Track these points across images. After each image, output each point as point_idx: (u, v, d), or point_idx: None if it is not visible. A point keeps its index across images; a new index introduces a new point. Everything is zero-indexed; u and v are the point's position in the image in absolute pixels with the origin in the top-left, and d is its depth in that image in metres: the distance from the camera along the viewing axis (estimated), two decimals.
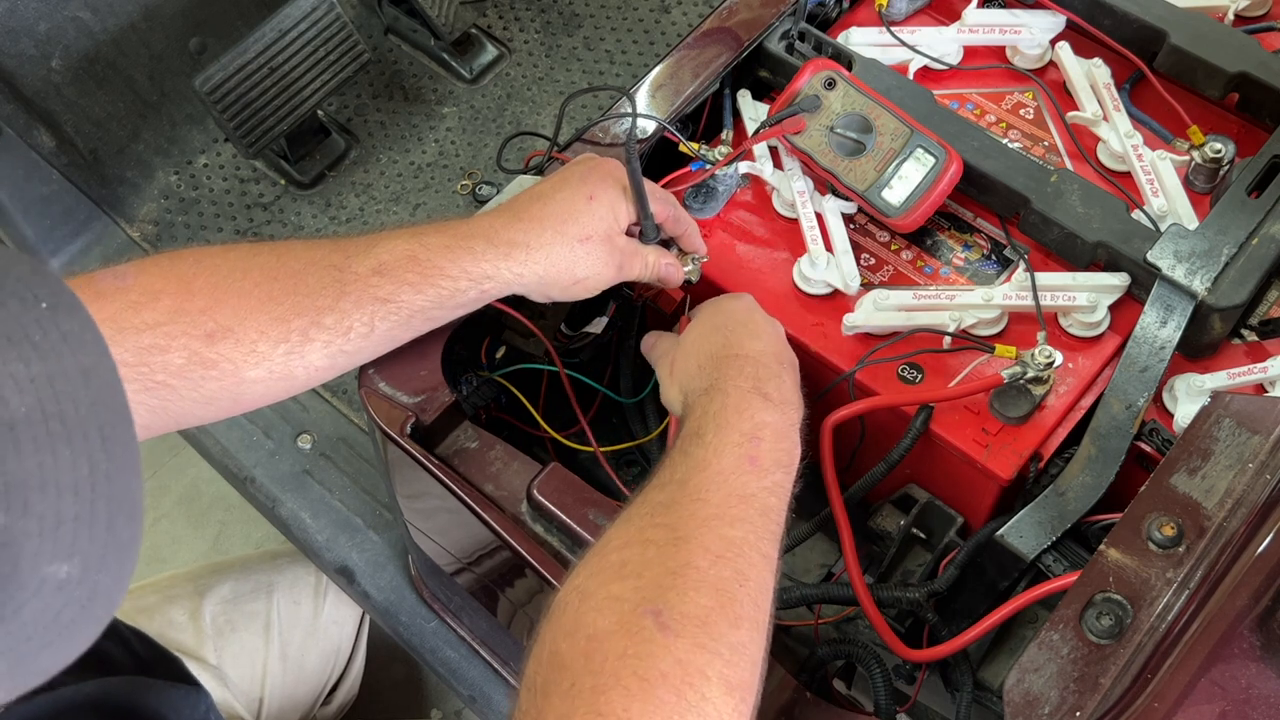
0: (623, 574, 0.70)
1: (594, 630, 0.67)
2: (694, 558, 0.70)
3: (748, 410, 0.80)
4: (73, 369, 0.48)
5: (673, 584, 0.68)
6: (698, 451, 0.77)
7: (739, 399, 0.80)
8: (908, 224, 1.00)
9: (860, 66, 1.07)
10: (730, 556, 0.71)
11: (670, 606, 0.67)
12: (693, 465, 0.77)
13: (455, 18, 1.52)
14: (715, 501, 0.74)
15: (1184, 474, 0.79)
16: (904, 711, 0.94)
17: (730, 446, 0.77)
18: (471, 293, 0.86)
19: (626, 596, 0.68)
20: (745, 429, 0.78)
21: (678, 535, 0.72)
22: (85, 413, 0.48)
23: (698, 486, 0.75)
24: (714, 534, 0.72)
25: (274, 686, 1.30)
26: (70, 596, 0.47)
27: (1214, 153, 1.01)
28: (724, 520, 0.73)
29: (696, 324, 0.90)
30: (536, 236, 0.86)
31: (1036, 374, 0.89)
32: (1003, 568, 0.88)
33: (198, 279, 0.81)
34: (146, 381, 0.78)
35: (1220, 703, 0.72)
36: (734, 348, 0.85)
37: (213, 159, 1.55)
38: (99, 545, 0.48)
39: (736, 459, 0.77)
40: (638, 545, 0.72)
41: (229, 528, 1.92)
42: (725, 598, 0.69)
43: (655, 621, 0.66)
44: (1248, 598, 0.74)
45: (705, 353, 0.86)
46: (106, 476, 0.48)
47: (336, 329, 0.82)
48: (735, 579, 0.70)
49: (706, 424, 0.79)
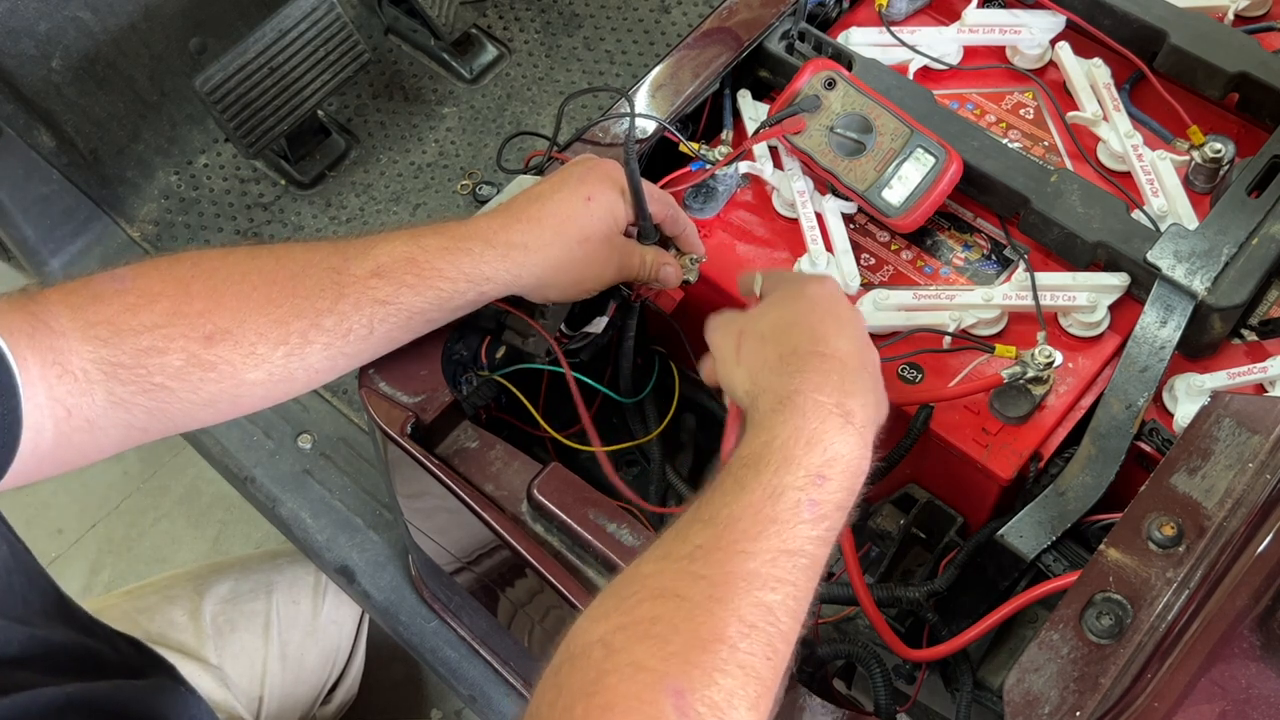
0: (650, 634, 0.66)
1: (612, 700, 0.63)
2: (727, 629, 0.66)
3: (821, 442, 0.71)
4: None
5: (700, 660, 0.65)
6: (754, 489, 0.70)
7: (816, 425, 0.71)
8: (908, 224, 1.00)
9: (860, 66, 1.07)
10: (763, 627, 0.67)
11: (693, 689, 0.64)
12: (744, 506, 0.69)
13: (455, 18, 1.52)
14: (760, 555, 0.68)
15: (1184, 474, 0.79)
16: (904, 711, 0.94)
17: (791, 490, 0.69)
18: (470, 294, 0.86)
19: (651, 666, 0.64)
20: (813, 466, 0.70)
21: (714, 595, 0.67)
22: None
23: (744, 533, 0.68)
24: (750, 599, 0.67)
25: (274, 686, 1.30)
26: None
27: (1214, 153, 1.01)
28: (765, 583, 0.67)
29: (776, 306, 0.81)
30: (535, 238, 0.86)
31: (1036, 374, 0.89)
32: (1003, 568, 0.88)
33: (196, 281, 0.81)
34: (144, 384, 0.78)
35: (1220, 703, 0.72)
36: (819, 343, 0.76)
37: (213, 159, 1.55)
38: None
39: (795, 505, 0.69)
40: (672, 600, 0.67)
41: (229, 528, 1.92)
42: (749, 677, 0.65)
43: (675, 705, 0.63)
44: (1248, 598, 0.74)
45: (788, 344, 0.77)
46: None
47: (336, 331, 0.82)
48: (764, 654, 0.66)
49: (771, 455, 0.71)
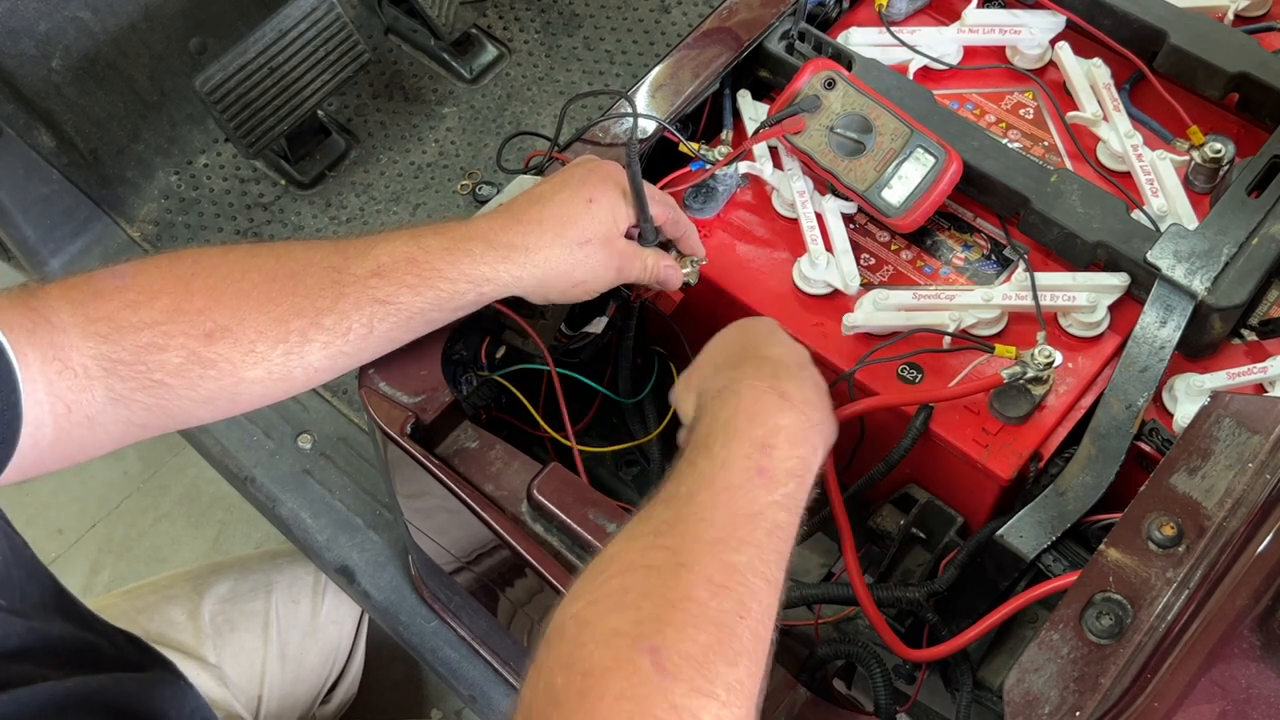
0: (623, 604, 0.67)
1: (590, 665, 0.65)
2: (694, 589, 0.67)
3: (761, 414, 0.76)
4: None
5: (671, 618, 0.66)
6: (704, 464, 0.74)
7: (753, 400, 0.76)
8: (908, 224, 1.00)
9: (860, 66, 1.07)
10: (732, 586, 0.68)
11: (668, 645, 0.65)
12: (699, 479, 0.73)
13: (455, 18, 1.52)
14: (720, 522, 0.71)
15: (1184, 474, 0.79)
16: (904, 711, 0.94)
17: (739, 459, 0.73)
18: (470, 295, 0.86)
19: (625, 630, 0.66)
20: (757, 436, 0.75)
21: (679, 561, 0.69)
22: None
23: (703, 504, 0.72)
24: (716, 560, 0.69)
25: (273, 685, 1.30)
26: None
27: (1214, 153, 1.01)
28: (728, 545, 0.70)
29: (719, 334, 0.87)
30: (535, 239, 0.86)
31: (1036, 374, 0.89)
32: (1003, 568, 0.88)
33: (196, 279, 0.81)
34: (144, 380, 0.78)
35: (1220, 703, 0.72)
36: (750, 350, 0.82)
37: (213, 159, 1.55)
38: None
39: (745, 471, 0.73)
40: (640, 570, 0.69)
41: (229, 528, 1.92)
42: (724, 633, 0.66)
43: (652, 661, 0.64)
44: (1248, 598, 0.74)
45: (723, 355, 0.83)
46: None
47: (335, 330, 0.82)
48: (736, 611, 0.67)
49: (716, 432, 0.75)
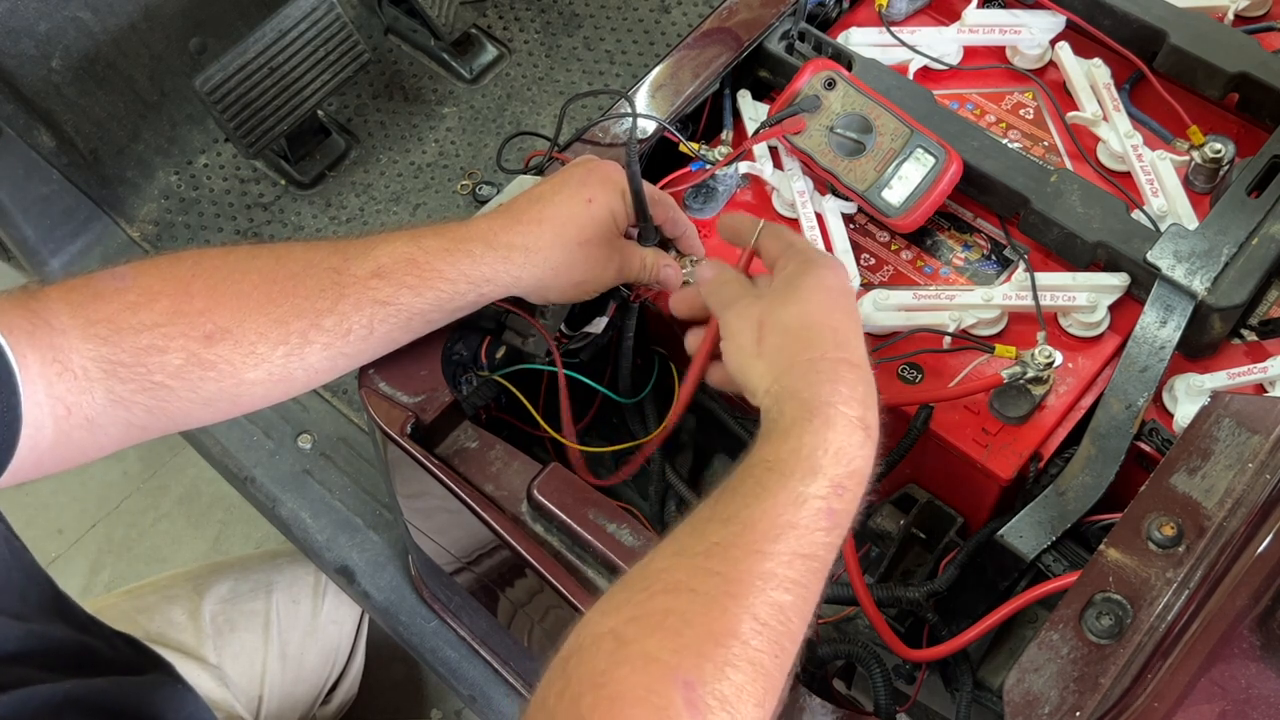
0: (663, 626, 0.66)
1: (620, 691, 0.63)
2: (740, 625, 0.66)
3: (845, 454, 0.71)
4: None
5: (712, 654, 0.65)
6: (777, 494, 0.69)
7: (844, 439, 0.71)
8: (908, 224, 1.00)
9: (860, 66, 1.07)
10: (775, 625, 0.67)
11: (705, 681, 0.64)
12: (765, 509, 0.69)
13: (455, 18, 1.52)
14: (777, 558, 0.68)
15: (1184, 474, 0.79)
16: (904, 711, 0.94)
17: (814, 499, 0.69)
18: (470, 296, 0.86)
19: (662, 659, 0.64)
20: (835, 477, 0.70)
21: (729, 591, 0.67)
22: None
23: (763, 535, 0.68)
24: (765, 599, 0.67)
25: (273, 686, 1.30)
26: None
27: (1214, 153, 1.01)
28: (780, 584, 0.67)
29: (796, 294, 0.78)
30: (535, 239, 0.86)
31: (1036, 374, 0.89)
32: (1003, 568, 0.88)
33: (196, 280, 0.81)
34: (144, 382, 0.78)
35: (1220, 703, 0.72)
36: (844, 348, 0.75)
37: (213, 159, 1.55)
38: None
39: (815, 513, 0.69)
40: (686, 594, 0.67)
41: (229, 528, 1.92)
42: (759, 673, 0.65)
43: (685, 698, 0.63)
44: (1248, 598, 0.74)
45: (815, 346, 0.75)
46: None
47: (335, 331, 0.82)
48: (773, 652, 0.66)
49: (798, 464, 0.70)
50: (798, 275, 0.79)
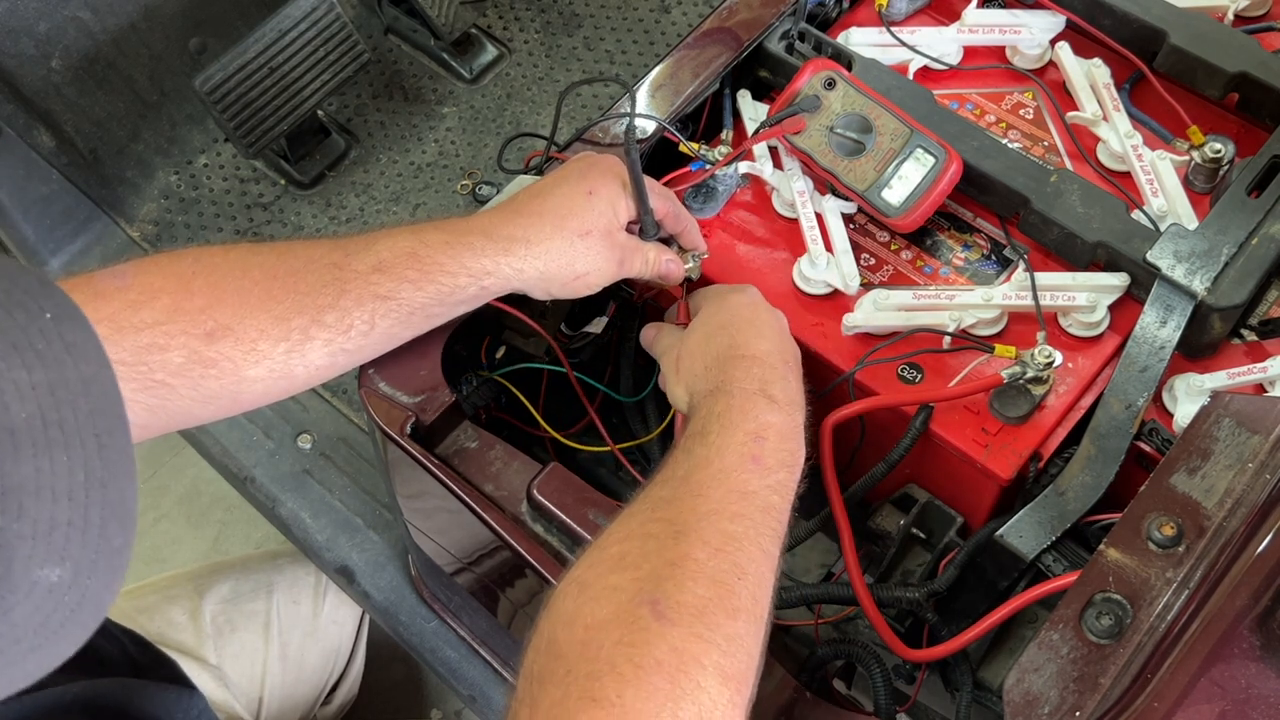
0: (621, 565, 0.70)
1: (591, 620, 0.67)
2: (692, 550, 0.71)
3: (752, 411, 0.80)
4: (74, 378, 0.49)
5: (670, 575, 0.69)
6: (700, 450, 0.78)
7: (744, 400, 0.81)
8: (908, 224, 1.00)
9: (860, 66, 1.07)
10: (729, 550, 0.72)
11: (667, 596, 0.67)
12: (695, 463, 0.77)
13: (455, 18, 1.52)
14: (715, 497, 0.75)
15: (1184, 474, 0.79)
16: (904, 711, 0.94)
17: (734, 445, 0.78)
18: (471, 289, 0.86)
19: (624, 587, 0.69)
20: (750, 429, 0.79)
21: (677, 529, 0.72)
22: (83, 420, 0.49)
23: (699, 483, 0.76)
24: (713, 528, 0.72)
25: (274, 686, 1.30)
26: (60, 600, 0.48)
27: (1214, 153, 1.01)
28: (724, 515, 0.74)
29: (702, 321, 0.90)
30: (536, 231, 0.86)
31: (1036, 374, 0.89)
32: (1002, 568, 0.88)
33: (197, 278, 0.81)
34: (145, 380, 0.78)
35: (1220, 703, 0.72)
36: (740, 348, 0.85)
37: (213, 159, 1.55)
38: (90, 550, 0.48)
39: (739, 457, 0.77)
40: (637, 539, 0.72)
41: (229, 528, 1.92)
42: (723, 589, 0.69)
43: (652, 611, 0.67)
44: (1248, 598, 0.74)
45: (711, 353, 0.86)
46: (101, 483, 0.49)
47: (337, 327, 0.82)
48: (733, 572, 0.71)
49: (711, 424, 0.79)
50: (706, 310, 0.91)
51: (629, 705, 0.63)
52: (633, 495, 0.78)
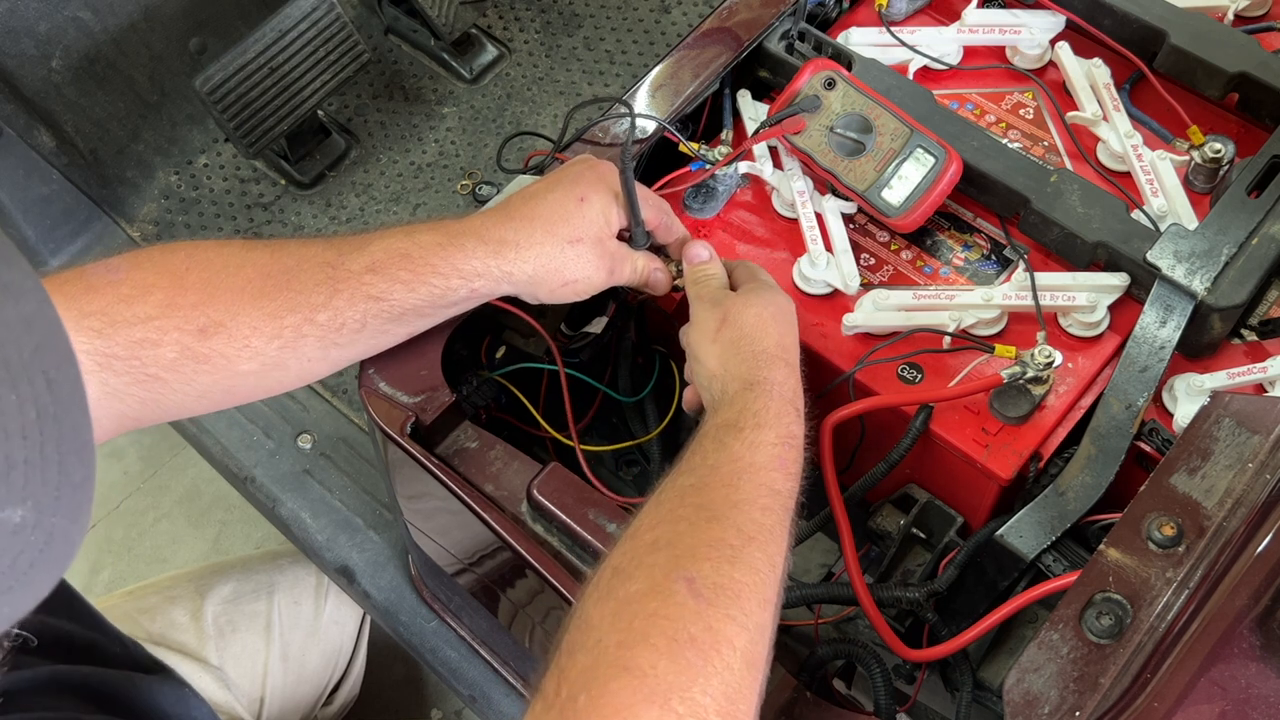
0: (656, 547, 0.71)
1: (625, 593, 0.67)
2: (727, 535, 0.71)
3: (785, 419, 0.81)
4: (13, 317, 0.48)
5: (707, 555, 0.69)
6: (734, 444, 0.78)
7: (781, 405, 0.81)
8: (908, 224, 1.00)
9: (860, 66, 1.07)
10: (762, 540, 0.72)
11: (704, 576, 0.68)
12: (726, 455, 0.77)
13: (455, 18, 1.52)
14: (747, 490, 0.75)
15: (1184, 474, 0.79)
16: (904, 711, 0.94)
17: (767, 445, 0.78)
18: (462, 291, 0.86)
19: (660, 564, 0.69)
20: (782, 432, 0.80)
21: (711, 514, 0.72)
22: (29, 358, 0.47)
23: (729, 474, 0.76)
24: (746, 517, 0.73)
25: (275, 687, 1.30)
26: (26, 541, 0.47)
27: (1214, 153, 1.01)
28: (755, 507, 0.74)
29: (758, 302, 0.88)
30: (527, 235, 0.87)
31: (1036, 374, 0.89)
32: (1003, 568, 0.88)
33: (190, 274, 0.81)
34: (138, 374, 0.78)
35: (1220, 703, 0.72)
36: (785, 352, 0.86)
37: (213, 159, 1.55)
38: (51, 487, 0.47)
39: (771, 458, 0.77)
40: (669, 523, 0.73)
41: (229, 528, 1.92)
42: (757, 578, 0.70)
43: (688, 588, 0.67)
44: (1248, 598, 0.74)
45: (760, 344, 0.85)
46: (54, 418, 0.47)
47: (329, 326, 0.83)
48: (766, 563, 0.71)
49: (746, 419, 0.79)
50: (758, 291, 0.89)
51: (662, 676, 0.63)
52: (657, 484, 0.77)
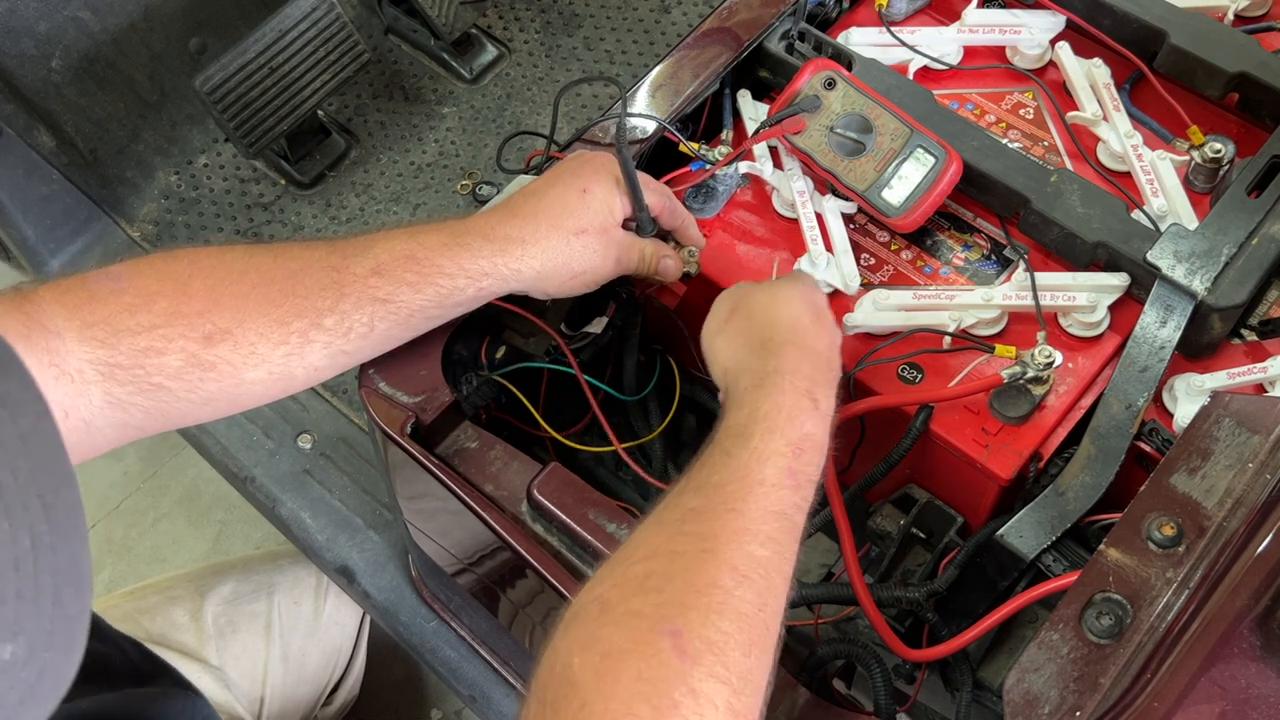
0: (645, 587, 0.68)
1: (610, 647, 0.65)
2: (720, 576, 0.68)
3: (797, 418, 0.77)
4: (9, 435, 0.45)
5: (695, 604, 0.67)
6: (741, 455, 0.75)
7: (793, 402, 0.78)
8: (908, 224, 1.00)
9: (860, 66, 1.07)
10: (755, 578, 0.69)
11: (691, 629, 0.66)
12: (733, 471, 0.74)
13: (455, 18, 1.52)
14: (750, 515, 0.72)
15: (1184, 474, 0.79)
16: (904, 711, 0.94)
17: (774, 456, 0.75)
18: (469, 290, 0.86)
19: (646, 613, 0.66)
20: (792, 438, 0.76)
21: (705, 548, 0.70)
22: (24, 481, 0.45)
23: (734, 495, 0.73)
24: (742, 552, 0.70)
25: (275, 687, 1.30)
26: (16, 678, 0.44)
27: (1214, 153, 1.01)
28: (755, 538, 0.71)
29: (769, 288, 0.87)
30: (532, 231, 0.87)
31: (1036, 374, 0.89)
32: (1003, 568, 0.88)
33: (194, 280, 0.80)
34: (143, 384, 0.78)
35: (1220, 703, 0.72)
36: (798, 334, 0.82)
37: (213, 159, 1.55)
38: (45, 621, 0.45)
39: (779, 471, 0.74)
40: (664, 556, 0.70)
41: (229, 528, 1.92)
42: (744, 623, 0.68)
43: (673, 644, 0.65)
44: (1248, 598, 0.74)
45: (769, 330, 0.83)
46: (50, 548, 0.45)
47: (336, 330, 0.82)
48: (756, 603, 0.69)
49: (755, 425, 0.76)
50: (779, 280, 0.88)
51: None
52: (663, 494, 0.75)
